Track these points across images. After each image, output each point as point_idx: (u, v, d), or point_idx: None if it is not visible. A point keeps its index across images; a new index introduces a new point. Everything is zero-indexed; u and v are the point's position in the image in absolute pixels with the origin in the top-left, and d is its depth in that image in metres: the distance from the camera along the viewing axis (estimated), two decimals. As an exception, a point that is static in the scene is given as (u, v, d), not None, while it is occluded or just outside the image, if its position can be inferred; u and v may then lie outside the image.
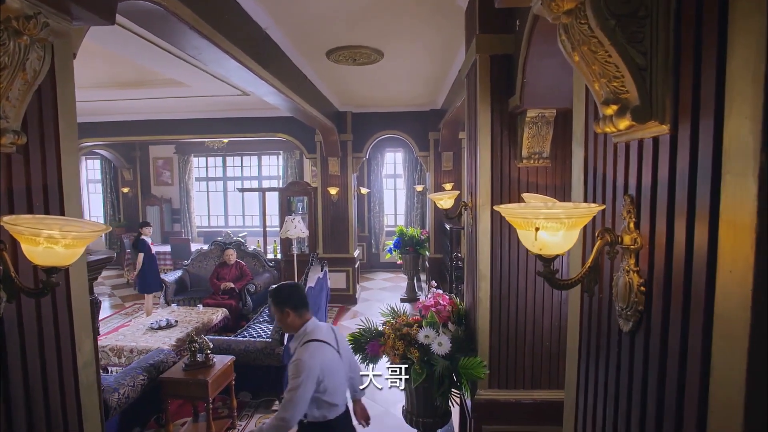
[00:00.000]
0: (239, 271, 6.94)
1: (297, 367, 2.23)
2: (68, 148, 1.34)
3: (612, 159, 1.04)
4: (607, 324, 1.07)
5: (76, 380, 1.37)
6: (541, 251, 0.95)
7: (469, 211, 3.13)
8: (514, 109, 2.61)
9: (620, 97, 0.87)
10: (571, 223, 0.90)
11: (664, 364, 0.82)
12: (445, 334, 3.08)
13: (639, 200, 0.92)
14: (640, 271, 0.93)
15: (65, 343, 1.33)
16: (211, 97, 6.88)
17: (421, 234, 8.43)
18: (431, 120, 8.09)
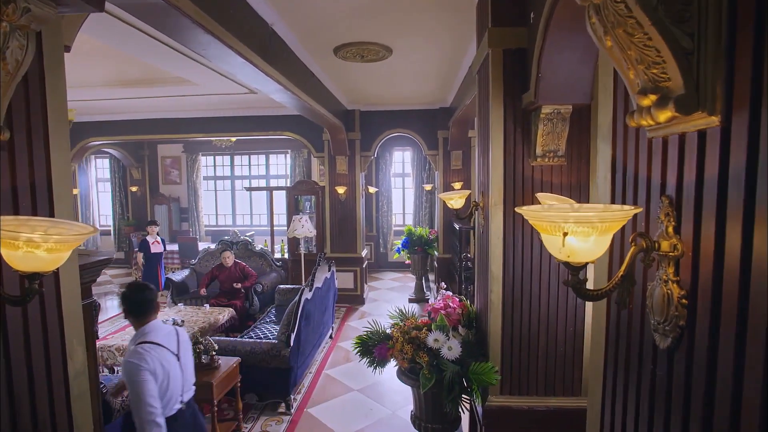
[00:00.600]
0: (240, 273, 6.74)
1: (130, 370, 2.25)
2: (59, 145, 1.26)
3: (646, 156, 0.95)
4: (639, 338, 0.98)
5: (67, 390, 1.29)
6: (569, 258, 0.85)
7: (480, 211, 3.02)
8: (527, 106, 2.51)
9: (660, 85, 0.77)
10: (604, 228, 0.80)
11: (712, 388, 0.73)
12: (455, 338, 2.98)
13: (679, 202, 0.83)
14: (681, 281, 0.83)
15: (55, 351, 1.26)
16: (218, 95, 6.83)
17: (430, 234, 8.33)
18: (440, 118, 7.99)
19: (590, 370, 1.27)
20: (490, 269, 2.74)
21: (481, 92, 3.02)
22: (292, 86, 4.44)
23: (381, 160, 10.86)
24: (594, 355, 1.26)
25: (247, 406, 4.44)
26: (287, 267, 8.32)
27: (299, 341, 4.45)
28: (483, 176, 2.97)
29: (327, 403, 4.64)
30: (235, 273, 6.70)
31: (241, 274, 6.72)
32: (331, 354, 5.96)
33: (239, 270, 6.76)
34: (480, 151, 3.09)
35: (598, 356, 1.21)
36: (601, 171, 1.19)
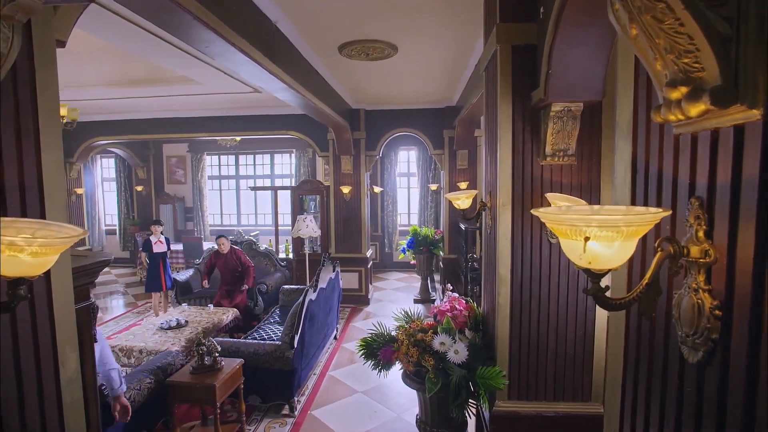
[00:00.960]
0: (237, 260, 6.57)
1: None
2: (50, 143, 1.21)
3: (672, 154, 0.88)
4: (664, 351, 0.91)
5: (59, 399, 1.24)
6: (591, 265, 0.78)
7: (487, 212, 2.96)
8: (537, 103, 2.44)
9: (693, 76, 0.70)
10: (630, 232, 0.74)
11: (752, 408, 0.66)
12: (461, 341, 2.92)
13: (712, 204, 0.76)
14: (713, 290, 0.76)
15: (46, 358, 1.21)
16: (223, 94, 6.80)
17: (435, 234, 8.26)
18: (446, 117, 7.92)
19: (608, 382, 1.20)
20: (498, 271, 2.67)
21: (489, 90, 2.96)
22: (296, 84, 4.39)
23: (386, 160, 10.80)
24: (612, 366, 1.19)
25: (251, 407, 4.39)
26: (292, 267, 8.28)
27: (303, 343, 4.40)
28: (490, 176, 2.90)
29: (331, 406, 4.59)
30: (232, 260, 6.58)
31: (238, 262, 6.58)
32: (336, 355, 5.90)
33: (236, 257, 6.62)
34: (487, 151, 3.03)
35: (616, 368, 1.14)
36: (619, 171, 1.12)
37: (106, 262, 1.87)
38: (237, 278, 6.58)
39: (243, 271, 6.61)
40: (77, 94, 6.68)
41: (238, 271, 6.58)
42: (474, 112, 6.39)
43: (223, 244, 6.59)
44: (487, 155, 3.05)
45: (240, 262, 6.60)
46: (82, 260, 1.85)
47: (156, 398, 3.70)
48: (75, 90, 6.42)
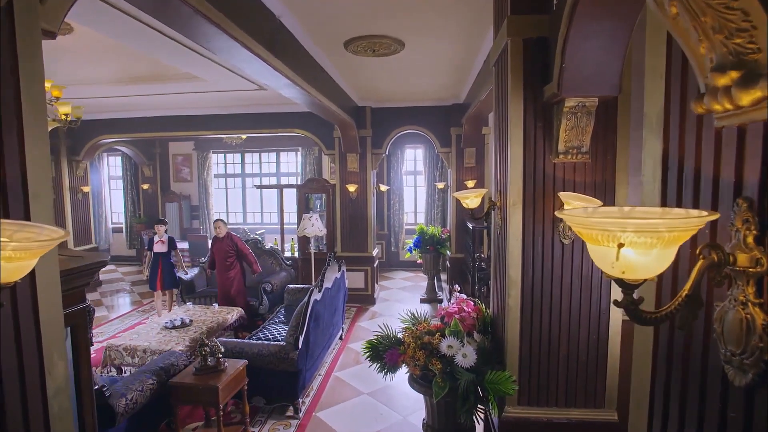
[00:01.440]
0: (232, 247, 6.44)
1: None
2: (36, 137, 1.14)
3: (712, 149, 0.79)
4: (701, 370, 0.82)
5: (46, 410, 1.18)
6: (624, 275, 0.70)
7: (497, 211, 2.86)
8: (549, 99, 2.34)
9: (746, 59, 0.61)
10: (672, 238, 0.65)
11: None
12: (469, 344, 2.83)
13: (764, 205, 0.67)
14: (765, 304, 0.67)
15: (31, 367, 1.14)
16: (228, 92, 6.74)
17: (442, 233, 8.17)
18: (453, 115, 7.81)
19: (633, 401, 1.11)
20: (508, 272, 2.58)
21: (499, 85, 2.86)
22: (301, 81, 4.31)
23: (393, 158, 10.71)
24: (637, 383, 1.10)
25: (255, 409, 4.33)
26: (297, 266, 8.23)
27: (308, 344, 4.33)
28: (500, 174, 2.81)
29: (336, 407, 4.52)
30: (226, 245, 6.44)
31: (234, 250, 6.44)
32: (341, 355, 5.83)
33: (231, 243, 6.46)
34: (497, 148, 2.93)
35: (642, 385, 1.05)
36: (647, 168, 1.03)
37: (102, 263, 1.81)
38: (228, 266, 6.41)
39: (238, 258, 6.45)
40: (82, 92, 6.65)
41: (228, 259, 6.40)
42: (482, 109, 6.28)
43: (219, 227, 6.46)
44: (496, 153, 2.96)
45: (235, 249, 6.43)
46: (78, 261, 1.79)
47: (158, 399, 3.65)
48: (80, 88, 6.39)
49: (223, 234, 6.45)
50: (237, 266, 6.51)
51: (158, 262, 6.66)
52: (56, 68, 5.58)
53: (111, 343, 4.90)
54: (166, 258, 6.71)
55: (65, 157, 8.71)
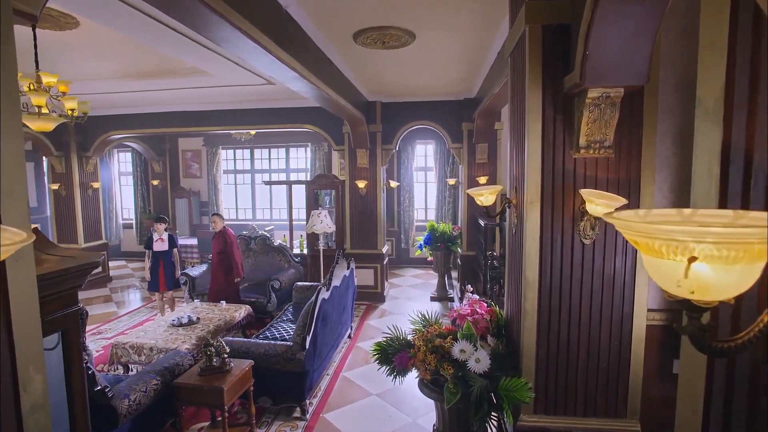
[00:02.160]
0: (222, 242, 6.33)
1: None
2: (9, 130, 1.03)
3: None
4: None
5: (20, 429, 1.08)
6: (694, 295, 0.56)
7: (512, 209, 2.72)
8: (570, 89, 2.19)
9: None
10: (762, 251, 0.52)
11: None
12: (483, 348, 2.70)
13: None
14: None
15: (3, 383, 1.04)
16: (236, 86, 6.65)
17: (453, 230, 8.03)
18: (465, 110, 7.65)
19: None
20: (524, 274, 2.44)
21: (515, 76, 2.72)
22: (308, 74, 4.19)
23: (403, 154, 10.57)
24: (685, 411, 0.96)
25: (261, 409, 4.26)
26: (306, 263, 8.15)
27: (315, 344, 4.23)
28: (516, 170, 2.66)
29: (344, 409, 4.42)
30: (218, 242, 6.33)
31: (223, 245, 6.33)
32: (350, 355, 5.74)
33: (222, 239, 6.35)
34: (513, 143, 2.79)
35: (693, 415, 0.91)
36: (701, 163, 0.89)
37: (95, 264, 1.71)
38: (218, 262, 6.31)
39: (226, 255, 6.33)
40: (90, 88, 6.61)
41: (218, 255, 6.30)
42: (495, 103, 6.12)
43: (215, 221, 6.38)
44: (512, 148, 2.82)
45: (224, 246, 6.31)
46: (69, 262, 1.69)
47: (163, 399, 3.58)
48: (88, 83, 6.35)
49: (219, 229, 6.37)
50: (226, 263, 6.37)
51: (158, 261, 6.53)
52: (63, 64, 5.53)
53: (118, 340, 4.86)
54: (167, 257, 6.57)
55: (75, 153, 8.72)
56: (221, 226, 6.42)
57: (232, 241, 6.40)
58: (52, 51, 5.07)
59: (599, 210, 2.07)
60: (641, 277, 2.32)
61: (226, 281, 6.38)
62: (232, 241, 6.40)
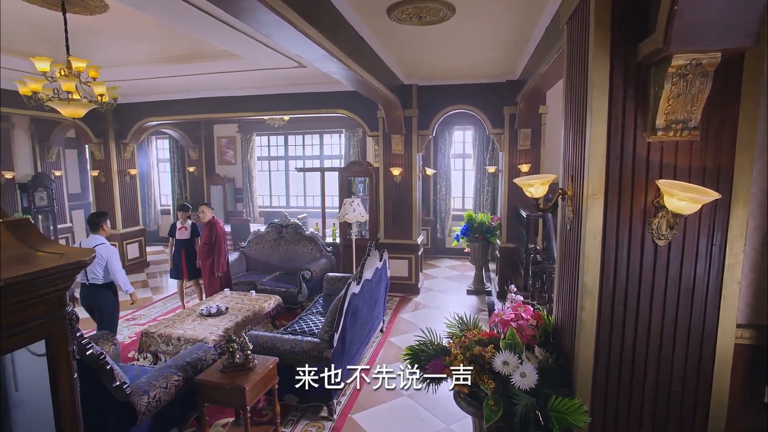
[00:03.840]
0: (209, 233, 6.09)
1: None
2: None
3: None
4: None
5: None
6: None
7: (567, 202, 2.35)
8: (647, 58, 1.79)
9: None
10: None
11: None
12: (529, 361, 2.37)
13: None
14: None
15: None
16: (267, 70, 6.43)
17: (492, 220, 7.60)
18: (507, 93, 7.15)
19: None
20: (582, 278, 2.08)
21: (573, 47, 2.32)
22: (339, 53, 3.89)
23: (440, 140, 10.15)
24: None
25: (287, 407, 4.07)
26: (338, 252, 7.95)
27: (344, 341, 4.00)
28: (573, 156, 2.28)
29: (373, 410, 4.18)
30: (206, 233, 6.12)
31: (209, 235, 6.11)
32: (381, 350, 5.49)
33: (209, 229, 6.13)
34: (569, 124, 2.40)
35: None
36: None
37: (82, 263, 1.49)
38: (206, 252, 6.11)
39: (214, 245, 6.12)
40: (123, 74, 6.57)
41: (206, 246, 6.09)
42: (540, 85, 5.63)
43: (203, 212, 6.16)
44: (568, 130, 2.43)
45: (210, 234, 6.09)
46: (53, 261, 1.48)
47: (185, 395, 3.44)
48: (120, 69, 6.31)
49: (207, 219, 6.16)
50: (212, 255, 6.18)
51: (180, 250, 6.39)
52: (95, 50, 5.48)
53: (147, 329, 4.80)
54: (189, 246, 6.46)
55: (113, 140, 8.81)
56: (210, 217, 6.20)
57: (221, 235, 6.21)
58: (83, 37, 5.01)
59: (683, 206, 1.68)
60: (730, 287, 1.91)
61: (212, 274, 6.21)
62: (221, 235, 6.21)
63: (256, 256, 7.42)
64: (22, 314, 1.39)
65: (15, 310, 1.35)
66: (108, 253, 4.71)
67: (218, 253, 6.16)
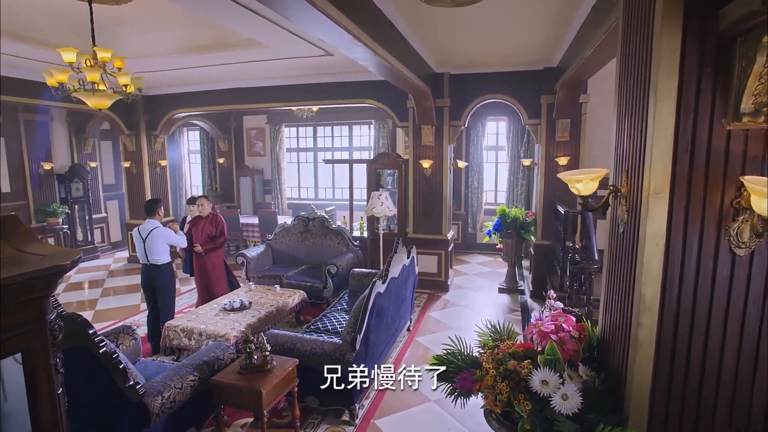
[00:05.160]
0: (214, 227, 5.87)
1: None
2: None
3: None
4: None
5: None
6: None
7: (620, 200, 2.03)
8: (733, 26, 1.47)
9: None
10: None
11: None
12: (572, 381, 2.08)
13: None
14: None
15: None
16: (293, 59, 6.24)
17: (526, 215, 7.22)
18: (544, 81, 6.73)
19: None
20: (638, 290, 1.78)
21: (632, 19, 1.98)
22: (366, 38, 3.64)
23: (472, 131, 9.77)
24: None
25: (307, 409, 3.90)
26: (366, 246, 7.75)
27: (367, 343, 3.79)
28: (630, 147, 1.96)
29: (397, 415, 3.97)
30: (210, 227, 5.86)
31: (215, 229, 5.88)
32: (408, 350, 5.27)
33: (214, 224, 5.89)
34: (624, 109, 2.07)
35: None
36: None
37: (62, 267, 1.31)
38: (209, 249, 5.87)
39: (215, 241, 5.88)
40: (150, 65, 6.53)
41: (209, 240, 5.84)
42: (582, 72, 5.23)
43: (202, 205, 5.85)
44: (622, 118, 2.10)
45: (217, 228, 5.90)
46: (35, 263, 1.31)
47: (201, 395, 3.31)
48: (148, 60, 6.26)
49: (206, 213, 5.89)
50: (220, 251, 5.99)
51: (191, 243, 6.19)
52: (122, 42, 5.43)
53: (170, 323, 4.74)
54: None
55: (144, 131, 8.87)
56: (209, 210, 5.94)
57: (225, 231, 6.03)
58: (111, 28, 4.97)
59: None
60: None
61: (219, 273, 6.03)
62: (225, 231, 6.03)
63: (283, 250, 7.31)
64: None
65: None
66: (165, 234, 5.14)
67: (219, 242, 5.93)
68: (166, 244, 5.17)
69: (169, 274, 5.28)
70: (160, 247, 5.09)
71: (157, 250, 5.08)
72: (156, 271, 5.12)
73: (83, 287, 8.04)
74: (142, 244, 5.05)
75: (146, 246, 5.04)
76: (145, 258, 5.08)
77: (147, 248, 5.04)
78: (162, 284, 5.19)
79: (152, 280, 5.14)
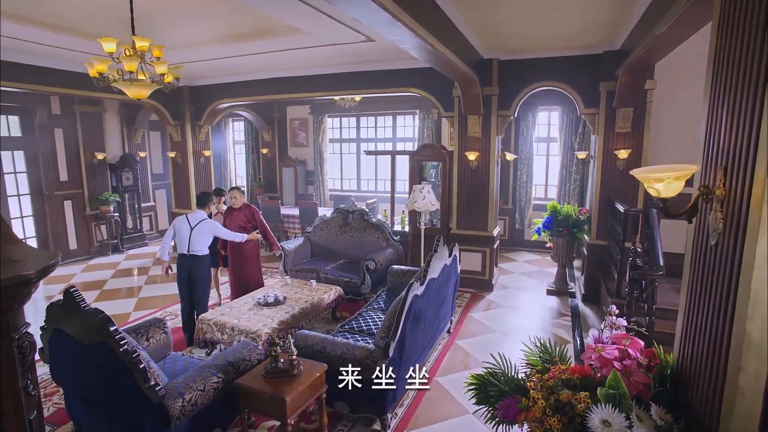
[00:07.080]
0: (249, 217, 5.82)
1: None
2: None
3: None
4: None
5: None
6: None
7: (715, 206, 1.62)
8: None
9: None
10: None
11: None
12: (641, 423, 1.71)
13: None
14: None
15: None
16: (334, 46, 6.01)
17: (580, 213, 6.67)
18: (604, 66, 6.12)
19: None
20: (741, 324, 1.39)
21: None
22: (406, 17, 3.32)
23: (522, 122, 9.22)
24: None
25: (337, 414, 3.70)
26: (407, 241, 7.46)
27: (402, 350, 3.51)
28: (726, 140, 1.55)
29: (432, 427, 3.69)
30: (243, 217, 5.81)
31: (251, 223, 5.82)
32: (447, 354, 4.96)
33: (249, 215, 5.84)
34: (719, 96, 1.66)
35: None
36: None
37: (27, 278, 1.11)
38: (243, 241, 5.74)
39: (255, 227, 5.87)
40: (193, 55, 6.50)
41: (242, 230, 5.71)
42: (650, 54, 4.67)
43: (235, 197, 5.82)
44: (716, 104, 1.68)
45: (253, 222, 5.86)
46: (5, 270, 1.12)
47: (225, 397, 3.17)
48: (190, 50, 6.22)
49: (240, 204, 5.84)
50: (254, 243, 5.88)
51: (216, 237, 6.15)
52: (161, 30, 5.38)
53: (203, 316, 4.68)
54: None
55: (189, 122, 8.96)
56: (242, 202, 5.88)
57: (261, 220, 5.99)
58: (151, 18, 4.92)
59: None
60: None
61: (254, 266, 5.95)
62: (261, 220, 5.99)
63: (321, 242, 7.15)
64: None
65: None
66: (212, 226, 5.20)
67: (266, 234, 5.98)
68: (212, 236, 5.19)
69: (207, 266, 5.27)
70: (205, 238, 5.12)
71: (201, 240, 5.10)
72: (196, 261, 5.11)
73: (132, 274, 8.26)
74: (189, 233, 5.05)
75: (192, 236, 5.05)
76: (186, 248, 5.07)
77: (192, 238, 5.06)
78: (200, 275, 5.18)
79: (191, 270, 5.13)
